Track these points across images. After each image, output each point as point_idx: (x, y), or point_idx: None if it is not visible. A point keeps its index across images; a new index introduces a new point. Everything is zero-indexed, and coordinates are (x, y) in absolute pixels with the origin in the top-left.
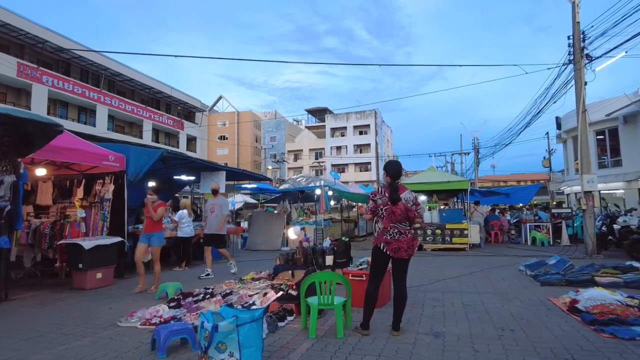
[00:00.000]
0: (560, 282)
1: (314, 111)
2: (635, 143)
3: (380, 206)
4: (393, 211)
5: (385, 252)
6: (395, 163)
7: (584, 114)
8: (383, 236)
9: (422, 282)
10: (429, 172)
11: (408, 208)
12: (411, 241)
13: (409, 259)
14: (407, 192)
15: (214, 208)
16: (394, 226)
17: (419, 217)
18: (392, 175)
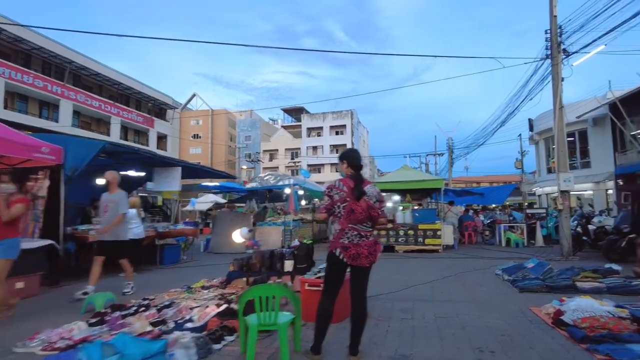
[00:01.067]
0: (540, 288)
1: (290, 110)
2: (603, 145)
3: (337, 203)
4: (353, 209)
5: (341, 259)
6: (355, 151)
7: (560, 110)
8: (340, 240)
9: (392, 289)
10: (403, 171)
11: (371, 205)
12: (373, 245)
13: (370, 266)
14: (370, 186)
15: (108, 206)
16: (354, 228)
17: (384, 217)
18: (353, 165)
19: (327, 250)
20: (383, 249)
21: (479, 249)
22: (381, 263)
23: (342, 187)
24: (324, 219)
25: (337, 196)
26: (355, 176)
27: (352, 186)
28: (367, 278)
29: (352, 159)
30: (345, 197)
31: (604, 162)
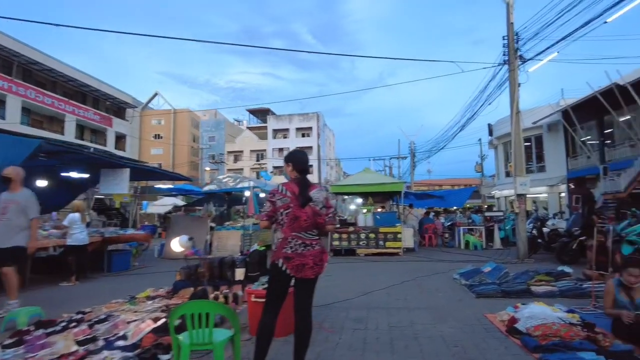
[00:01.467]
0: (496, 293)
1: (255, 111)
2: (557, 150)
3: (280, 209)
4: (297, 216)
5: (284, 270)
6: (301, 152)
7: (517, 115)
8: (282, 249)
9: (348, 296)
10: (364, 174)
11: (317, 212)
12: (319, 255)
13: (316, 278)
14: (317, 190)
15: (8, 207)
16: (297, 236)
17: (331, 223)
18: (299, 168)
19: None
20: (344, 253)
21: (438, 251)
22: (341, 268)
23: (285, 192)
24: (266, 227)
25: (280, 202)
26: (301, 180)
27: (296, 191)
28: (313, 290)
29: (297, 161)
30: (288, 203)
31: (558, 167)
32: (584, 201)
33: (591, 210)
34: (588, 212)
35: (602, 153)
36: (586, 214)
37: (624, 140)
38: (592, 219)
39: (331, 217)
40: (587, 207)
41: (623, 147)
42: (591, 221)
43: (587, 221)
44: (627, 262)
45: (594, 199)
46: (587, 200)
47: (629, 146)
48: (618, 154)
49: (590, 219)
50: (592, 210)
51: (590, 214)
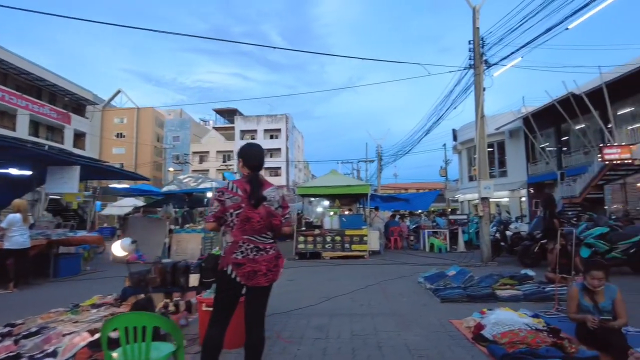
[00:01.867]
0: (462, 298)
1: (222, 111)
2: (518, 156)
3: (229, 210)
4: (248, 217)
5: (234, 278)
6: (255, 147)
7: (482, 120)
8: (232, 255)
9: (310, 302)
10: (331, 176)
11: (272, 212)
12: (274, 260)
13: (270, 286)
14: (272, 189)
15: None
16: (249, 240)
17: (288, 225)
18: (251, 164)
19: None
20: (309, 256)
21: (404, 254)
22: (305, 272)
23: (236, 190)
24: (213, 229)
25: (230, 201)
26: (253, 178)
27: (248, 190)
28: (267, 300)
29: (248, 156)
30: (239, 202)
31: (519, 172)
32: (545, 205)
33: (552, 213)
34: (549, 216)
35: (559, 159)
36: (547, 218)
37: (579, 147)
38: (554, 222)
39: (288, 217)
40: (548, 210)
41: (578, 154)
42: (552, 224)
43: (548, 224)
44: (590, 265)
45: (554, 202)
46: (548, 204)
47: (584, 153)
48: (574, 160)
49: (552, 222)
50: (553, 213)
51: (551, 217)
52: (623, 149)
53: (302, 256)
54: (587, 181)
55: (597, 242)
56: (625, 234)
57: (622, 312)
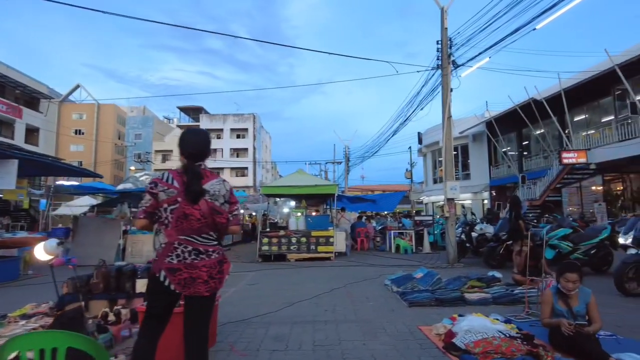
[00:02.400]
0: (430, 302)
1: (187, 109)
2: (481, 159)
3: (163, 205)
4: (186, 214)
5: (167, 285)
6: (193, 132)
7: (449, 120)
8: (166, 258)
9: (271, 308)
10: (298, 175)
11: (215, 209)
12: (217, 266)
13: (211, 296)
14: (216, 181)
15: None
16: (187, 240)
17: (236, 223)
18: (187, 152)
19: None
20: (274, 258)
21: (370, 255)
22: (268, 275)
23: (171, 181)
24: (144, 228)
25: (164, 195)
26: (190, 168)
27: (185, 182)
28: (209, 312)
29: (184, 143)
30: (175, 196)
31: (481, 175)
32: (510, 206)
33: (518, 215)
34: (515, 217)
35: (520, 163)
36: (513, 219)
37: (539, 151)
38: (519, 224)
39: (236, 215)
40: (513, 212)
41: (538, 158)
42: (518, 226)
43: (513, 226)
44: (563, 267)
45: (520, 204)
46: (513, 205)
47: (543, 157)
48: (534, 164)
49: (517, 224)
50: (518, 215)
51: (517, 218)
52: (579, 153)
53: (266, 258)
54: (546, 184)
55: (561, 243)
56: (587, 235)
57: (596, 317)
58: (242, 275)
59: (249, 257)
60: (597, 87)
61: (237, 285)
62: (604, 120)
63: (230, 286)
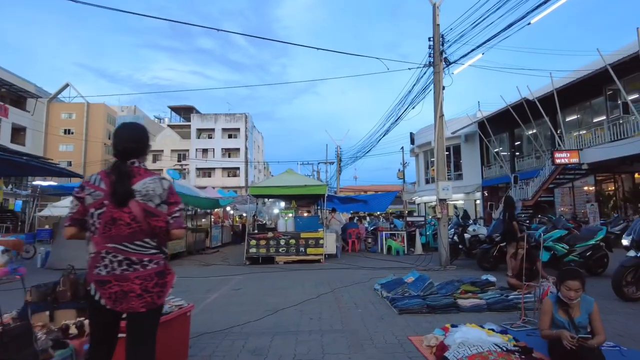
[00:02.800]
0: (421, 309)
1: (178, 109)
2: (473, 159)
3: (90, 209)
4: (114, 218)
5: (98, 300)
6: (124, 126)
7: (441, 119)
8: (94, 269)
9: (252, 316)
10: (287, 175)
11: (151, 211)
12: (154, 278)
13: (149, 312)
14: (149, 179)
15: None
16: (117, 249)
17: (178, 227)
18: (119, 150)
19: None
20: (262, 261)
21: (361, 257)
22: (253, 279)
23: (99, 183)
24: (73, 236)
25: (91, 198)
26: (117, 167)
27: (107, 183)
28: (150, 331)
29: (116, 139)
30: (101, 199)
31: (474, 175)
32: (504, 207)
33: (512, 216)
34: (509, 218)
35: (512, 163)
36: (507, 220)
37: (531, 152)
38: (513, 225)
39: (177, 217)
40: (507, 212)
41: (530, 159)
42: (512, 227)
43: (507, 227)
44: (564, 274)
45: (514, 204)
46: (507, 206)
47: (535, 157)
48: (526, 164)
49: (511, 225)
50: (512, 216)
51: (511, 219)
52: (572, 153)
53: (254, 261)
54: (539, 184)
55: (556, 245)
56: (582, 236)
57: (600, 328)
58: (227, 279)
59: (237, 259)
60: (589, 87)
61: (221, 290)
62: (595, 120)
63: (213, 291)
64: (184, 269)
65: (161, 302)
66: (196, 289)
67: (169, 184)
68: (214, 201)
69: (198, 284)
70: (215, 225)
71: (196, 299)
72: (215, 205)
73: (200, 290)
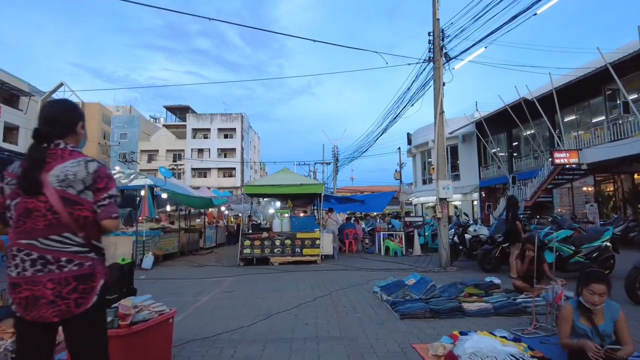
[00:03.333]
0: (424, 313)
1: (174, 108)
2: (470, 160)
3: (7, 201)
4: (29, 209)
5: (11, 306)
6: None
7: (441, 116)
8: (7, 270)
9: (244, 322)
10: (282, 174)
11: (70, 198)
12: (71, 282)
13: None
14: (71, 162)
15: None
16: (30, 245)
17: (107, 217)
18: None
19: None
20: (256, 262)
21: (358, 258)
22: (247, 281)
23: (17, 171)
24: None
25: (8, 188)
26: (29, 150)
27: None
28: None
29: (38, 119)
30: (16, 188)
31: (471, 176)
32: (507, 207)
33: (515, 215)
34: (512, 218)
35: (510, 164)
36: (510, 220)
37: (529, 152)
38: (517, 225)
39: (104, 205)
40: (510, 212)
41: (528, 159)
42: (515, 227)
43: (510, 227)
44: (588, 276)
45: (517, 204)
46: (510, 206)
47: (533, 158)
48: (524, 165)
49: (514, 225)
50: (516, 215)
51: (514, 219)
52: (571, 153)
53: (249, 262)
54: (537, 185)
55: (562, 245)
56: (588, 237)
57: (627, 337)
58: (219, 281)
59: (231, 260)
60: (588, 87)
61: (212, 292)
62: (595, 120)
63: (203, 294)
64: (176, 270)
65: (79, 311)
66: (186, 291)
67: (96, 167)
68: (207, 200)
69: (189, 285)
70: (210, 225)
71: (185, 301)
72: (208, 205)
73: (191, 292)
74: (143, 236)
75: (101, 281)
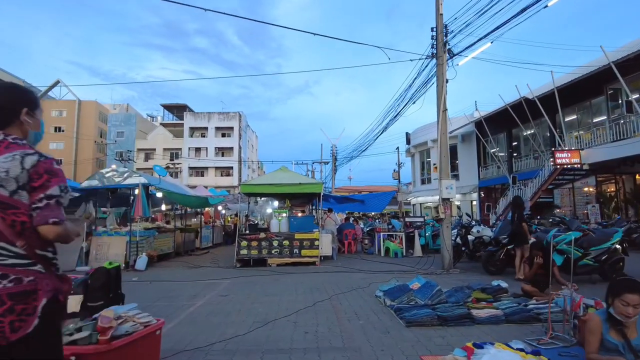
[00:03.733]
0: (432, 321)
1: (171, 107)
2: (469, 160)
3: None
4: None
5: None
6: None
7: (444, 113)
8: None
9: (239, 329)
10: (280, 173)
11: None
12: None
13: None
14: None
15: None
16: None
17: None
18: None
19: None
20: (253, 263)
21: (358, 259)
22: (244, 284)
23: None
24: None
25: None
26: None
27: None
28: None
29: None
30: None
31: (470, 176)
32: (513, 207)
33: (521, 217)
34: (518, 219)
35: (510, 164)
36: (516, 221)
37: (529, 152)
38: (523, 227)
39: (40, 207)
40: (517, 213)
41: (528, 159)
42: (520, 228)
43: (516, 229)
44: (620, 286)
45: (523, 205)
46: (516, 207)
47: (534, 158)
48: (524, 165)
49: (520, 227)
50: (522, 217)
51: (520, 220)
52: (573, 153)
53: (246, 263)
54: (538, 185)
55: (571, 248)
56: (597, 239)
57: None
58: (214, 283)
59: (227, 261)
60: (589, 86)
61: (207, 296)
62: (596, 120)
63: (198, 298)
64: (171, 272)
65: (16, 337)
66: (180, 294)
67: (34, 161)
68: (203, 199)
69: (183, 288)
70: (206, 225)
71: (178, 306)
72: (204, 204)
73: (185, 296)
74: (137, 236)
75: (44, 300)
